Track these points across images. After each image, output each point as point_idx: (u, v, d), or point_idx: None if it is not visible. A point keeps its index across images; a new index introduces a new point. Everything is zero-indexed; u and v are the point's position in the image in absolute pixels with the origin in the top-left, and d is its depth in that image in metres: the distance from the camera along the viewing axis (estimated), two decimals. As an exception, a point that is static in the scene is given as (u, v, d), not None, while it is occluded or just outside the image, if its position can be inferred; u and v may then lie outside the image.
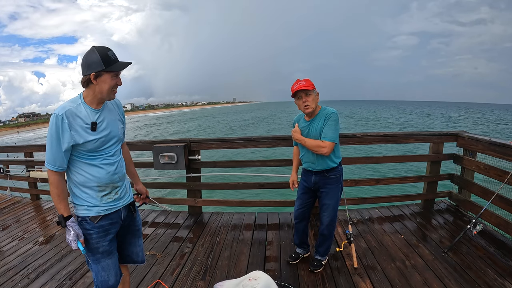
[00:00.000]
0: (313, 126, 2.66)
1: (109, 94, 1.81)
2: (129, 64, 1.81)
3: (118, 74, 1.81)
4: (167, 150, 4.06)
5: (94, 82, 1.74)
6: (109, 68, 1.72)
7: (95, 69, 1.70)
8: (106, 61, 1.71)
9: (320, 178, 2.77)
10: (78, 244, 1.77)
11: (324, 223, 2.84)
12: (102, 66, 1.70)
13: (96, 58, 1.70)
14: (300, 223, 3.02)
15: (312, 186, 2.84)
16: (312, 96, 2.59)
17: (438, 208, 4.20)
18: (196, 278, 2.88)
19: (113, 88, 1.81)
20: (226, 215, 4.35)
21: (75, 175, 1.82)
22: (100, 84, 1.75)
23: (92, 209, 1.83)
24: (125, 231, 2.08)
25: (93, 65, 1.71)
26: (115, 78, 1.79)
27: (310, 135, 2.67)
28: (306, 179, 2.88)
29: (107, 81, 1.75)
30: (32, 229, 4.32)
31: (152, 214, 4.52)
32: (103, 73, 1.73)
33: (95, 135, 1.78)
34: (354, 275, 2.80)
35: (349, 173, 10.64)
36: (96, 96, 1.79)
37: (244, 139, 4.17)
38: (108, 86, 1.76)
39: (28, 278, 3.03)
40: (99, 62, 1.70)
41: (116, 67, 1.75)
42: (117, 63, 1.77)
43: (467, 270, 2.77)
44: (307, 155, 2.76)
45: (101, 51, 1.72)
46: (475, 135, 3.78)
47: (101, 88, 1.76)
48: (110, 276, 1.93)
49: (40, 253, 3.55)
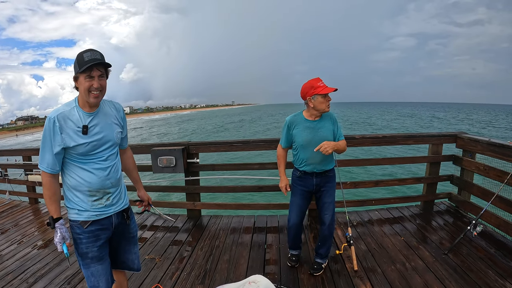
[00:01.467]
0: (323, 125, 2.68)
1: (87, 96, 1.74)
2: (96, 62, 1.70)
3: (91, 76, 1.72)
4: (165, 154, 4.05)
5: (76, 85, 1.76)
6: (81, 69, 1.69)
7: (74, 72, 1.74)
8: (79, 63, 1.70)
9: (322, 179, 2.77)
10: (63, 247, 1.77)
11: (327, 222, 2.82)
12: (77, 68, 1.71)
13: (75, 61, 1.73)
14: (298, 229, 2.96)
15: (313, 188, 2.80)
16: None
17: (438, 209, 4.19)
18: (196, 282, 2.86)
19: (91, 90, 1.74)
20: (225, 218, 4.33)
21: (68, 178, 1.82)
22: (79, 87, 1.75)
23: (82, 214, 1.82)
24: (120, 237, 2.05)
25: (74, 68, 1.75)
26: (88, 80, 1.72)
27: (320, 133, 2.65)
28: (304, 183, 2.81)
29: (82, 83, 1.72)
30: (31, 233, 4.30)
31: (150, 218, 4.50)
32: (78, 75, 1.72)
33: (86, 138, 1.77)
34: (354, 277, 2.78)
35: (348, 175, 10.63)
36: (83, 99, 1.78)
37: (243, 142, 4.16)
38: (83, 88, 1.72)
39: (26, 283, 3.01)
40: (76, 65, 1.73)
41: (83, 67, 1.68)
42: (88, 63, 1.70)
43: (468, 271, 2.75)
44: (314, 157, 2.67)
45: (80, 54, 1.72)
46: (474, 136, 3.78)
47: (81, 91, 1.75)
48: (100, 282, 1.91)
49: (39, 257, 3.53)
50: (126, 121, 2.12)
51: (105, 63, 1.75)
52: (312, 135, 2.65)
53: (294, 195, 2.90)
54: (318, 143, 2.56)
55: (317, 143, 2.57)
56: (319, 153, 2.58)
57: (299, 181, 2.84)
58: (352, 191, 4.91)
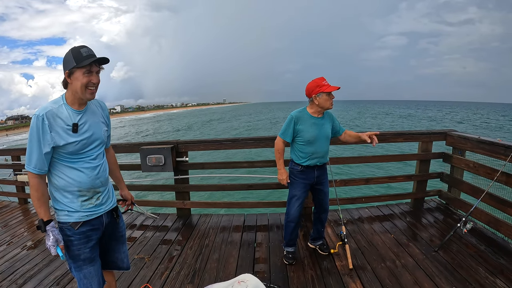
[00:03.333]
0: (325, 122, 2.86)
1: (84, 92, 1.72)
2: (101, 58, 1.72)
3: (91, 70, 1.71)
4: (154, 152, 4.00)
5: (69, 81, 1.70)
6: (80, 63, 1.66)
7: (68, 67, 1.67)
8: (77, 58, 1.66)
9: (322, 171, 2.94)
10: (57, 250, 1.70)
11: (327, 210, 3.09)
12: (73, 63, 1.66)
13: (69, 55, 1.67)
14: (298, 221, 3.03)
15: (313, 181, 2.93)
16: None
17: (428, 206, 4.20)
18: (185, 281, 2.82)
19: (88, 86, 1.72)
20: (215, 217, 4.29)
21: (56, 178, 1.76)
22: (74, 82, 1.69)
23: (72, 215, 1.77)
24: (109, 237, 2.02)
25: (67, 63, 1.68)
26: (87, 75, 1.70)
27: (323, 130, 2.83)
28: (306, 176, 2.90)
29: (79, 78, 1.68)
30: (20, 233, 4.23)
31: (140, 217, 4.44)
32: (74, 70, 1.67)
33: (76, 137, 1.73)
34: (344, 275, 2.76)
35: (338, 173, 10.66)
36: (74, 96, 1.73)
37: (232, 140, 4.12)
38: (80, 83, 1.69)
39: (15, 284, 2.95)
40: (71, 59, 1.66)
41: (86, 62, 1.67)
42: (88, 58, 1.69)
43: (458, 268, 2.75)
44: (320, 150, 2.83)
45: (75, 49, 1.68)
46: (464, 134, 3.79)
47: (75, 86, 1.70)
48: (93, 284, 1.87)
49: (28, 258, 3.47)
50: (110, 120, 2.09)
51: (105, 60, 1.74)
52: (318, 131, 2.79)
53: (295, 189, 2.95)
54: (322, 139, 2.81)
55: (322, 138, 2.81)
56: (323, 148, 2.83)
57: (300, 175, 2.91)
58: (342, 189, 4.91)
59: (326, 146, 2.86)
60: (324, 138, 2.83)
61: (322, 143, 2.82)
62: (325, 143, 2.84)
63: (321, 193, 3.01)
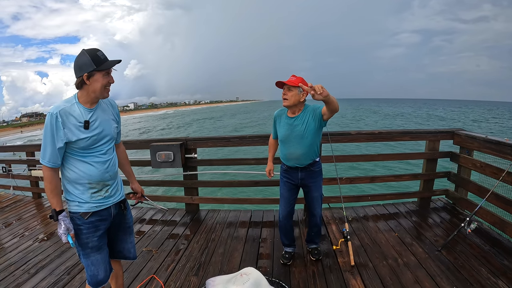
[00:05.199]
0: (300, 122, 2.66)
1: (103, 92, 1.86)
2: (119, 62, 1.87)
3: (109, 72, 1.86)
4: (164, 149, 4.10)
5: (87, 82, 1.80)
6: (100, 67, 1.79)
7: (86, 70, 1.77)
8: (96, 61, 1.77)
9: (306, 173, 2.81)
10: (68, 238, 1.81)
11: (317, 215, 2.96)
12: (93, 66, 1.77)
13: (86, 59, 1.77)
14: (288, 222, 3.01)
15: (298, 182, 2.86)
16: (292, 93, 2.58)
17: (435, 206, 4.17)
18: (190, 273, 2.92)
19: (106, 86, 1.86)
20: (223, 212, 4.38)
21: (68, 171, 1.88)
22: (93, 84, 1.81)
23: (83, 206, 1.89)
24: (117, 228, 2.13)
25: (84, 66, 1.78)
26: (106, 77, 1.84)
27: (295, 131, 2.67)
28: (290, 176, 2.87)
29: (99, 80, 1.81)
30: (33, 226, 4.39)
31: (149, 212, 4.56)
32: (94, 73, 1.79)
33: (87, 133, 1.84)
34: (345, 272, 2.80)
35: (344, 171, 10.62)
36: (90, 95, 1.85)
37: (239, 137, 4.18)
38: (101, 84, 1.82)
39: (28, 273, 3.10)
40: (90, 63, 1.77)
41: (106, 65, 1.81)
42: (107, 62, 1.83)
43: (460, 268, 2.75)
44: (293, 151, 2.72)
45: (91, 53, 1.78)
46: (472, 133, 3.76)
47: (94, 87, 1.82)
48: (99, 271, 1.99)
49: (40, 249, 3.62)
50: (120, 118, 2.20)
51: (119, 61, 1.88)
52: (289, 132, 2.71)
53: (281, 188, 2.99)
54: (294, 140, 2.67)
55: (294, 139, 2.67)
56: (297, 149, 2.69)
57: (285, 174, 2.93)
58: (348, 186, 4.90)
59: (300, 148, 2.68)
60: (297, 139, 2.67)
61: (294, 144, 2.69)
62: (298, 145, 2.68)
63: (308, 197, 2.94)
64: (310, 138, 2.65)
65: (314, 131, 2.65)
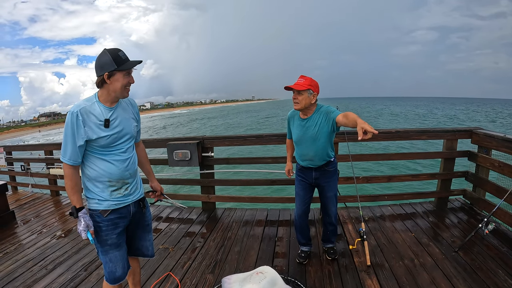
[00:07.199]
0: (311, 124, 2.67)
1: (123, 92, 1.90)
2: (139, 62, 1.91)
3: (130, 72, 1.91)
4: (181, 147, 4.16)
5: (108, 82, 1.84)
6: (121, 67, 1.82)
7: (108, 69, 1.81)
8: (117, 61, 1.81)
9: (320, 173, 2.83)
10: (87, 234, 1.86)
11: (332, 214, 2.99)
12: (114, 65, 1.80)
13: (108, 59, 1.80)
14: (304, 220, 3.05)
15: (312, 181, 2.89)
16: (303, 96, 2.56)
17: (452, 206, 4.12)
18: (206, 271, 2.97)
19: (126, 86, 1.90)
20: (239, 211, 4.42)
21: (89, 169, 1.92)
22: (114, 83, 1.85)
23: (102, 203, 1.93)
24: (135, 225, 2.17)
25: (106, 65, 1.81)
26: (127, 77, 1.89)
27: (308, 132, 2.69)
28: (305, 175, 2.90)
29: (119, 79, 1.85)
30: (51, 223, 4.53)
31: (166, 210, 4.64)
32: (115, 72, 1.83)
33: (107, 131, 1.88)
34: (361, 272, 2.80)
35: (360, 170, 10.52)
36: (110, 94, 1.89)
37: (256, 136, 4.21)
38: (121, 84, 1.86)
39: (45, 269, 3.20)
40: (111, 62, 1.80)
41: (127, 66, 1.85)
42: (128, 62, 1.87)
43: (477, 270, 2.72)
44: (306, 153, 2.76)
45: (112, 52, 1.82)
46: (490, 132, 3.68)
47: (114, 87, 1.86)
48: (117, 268, 2.03)
49: (58, 246, 3.73)
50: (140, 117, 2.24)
51: (139, 62, 1.92)
52: (302, 133, 2.73)
53: (296, 187, 3.03)
54: (307, 141, 2.70)
55: (307, 141, 2.71)
56: (310, 151, 2.73)
57: (300, 173, 2.96)
58: (365, 186, 4.88)
59: (313, 150, 2.70)
60: (309, 141, 2.69)
61: (307, 146, 2.72)
62: (311, 146, 2.69)
63: (322, 196, 2.97)
64: (323, 140, 2.66)
65: (327, 134, 2.64)
